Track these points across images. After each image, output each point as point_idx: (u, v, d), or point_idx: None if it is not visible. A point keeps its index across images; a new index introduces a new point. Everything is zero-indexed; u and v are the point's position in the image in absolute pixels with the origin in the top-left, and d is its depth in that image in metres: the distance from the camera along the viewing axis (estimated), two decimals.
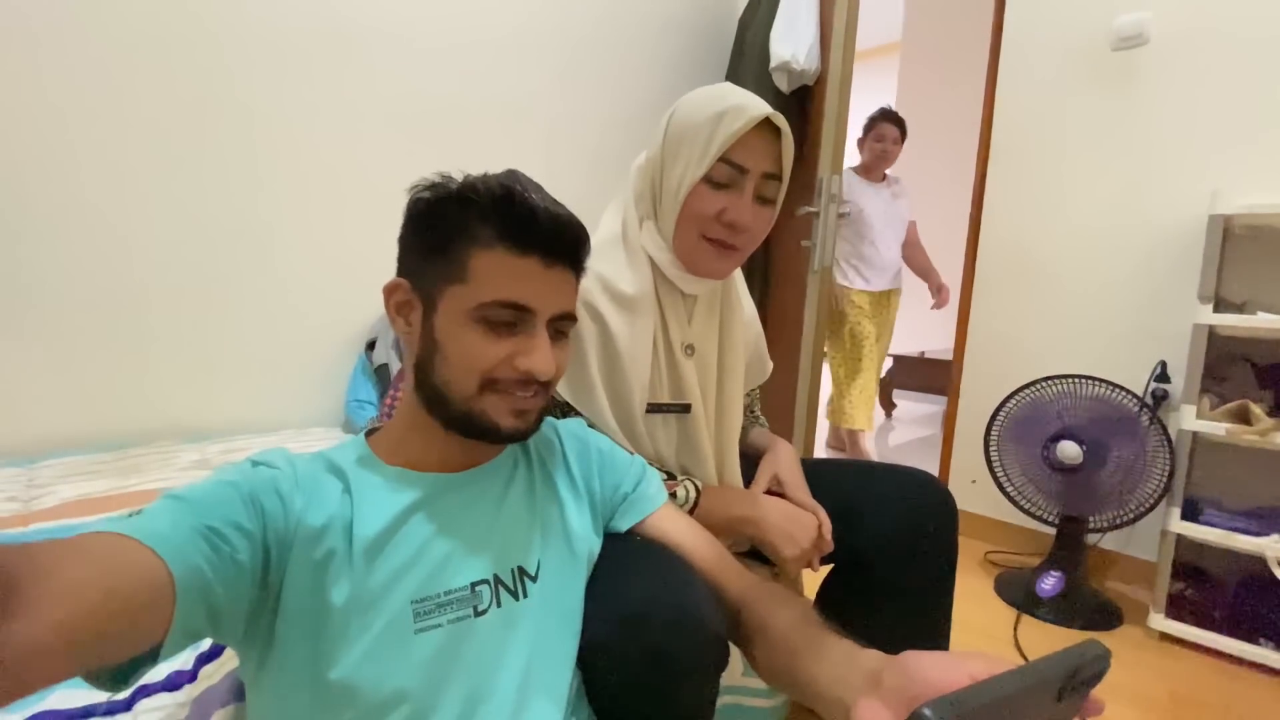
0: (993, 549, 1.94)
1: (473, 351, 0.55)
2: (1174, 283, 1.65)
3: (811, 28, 1.98)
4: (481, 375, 0.55)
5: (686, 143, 0.79)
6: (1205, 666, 1.39)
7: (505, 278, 0.54)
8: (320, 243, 1.66)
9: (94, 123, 1.34)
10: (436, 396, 0.56)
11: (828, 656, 0.52)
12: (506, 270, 0.54)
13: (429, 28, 1.78)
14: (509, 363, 0.55)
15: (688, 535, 0.68)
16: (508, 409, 0.56)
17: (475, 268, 0.54)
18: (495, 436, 0.57)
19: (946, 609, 0.89)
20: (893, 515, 0.86)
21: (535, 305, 0.56)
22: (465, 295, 0.54)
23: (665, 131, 0.82)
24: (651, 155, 0.85)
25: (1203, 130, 1.62)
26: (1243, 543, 1.36)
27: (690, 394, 0.86)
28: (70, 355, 1.37)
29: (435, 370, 0.56)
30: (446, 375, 0.55)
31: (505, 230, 0.54)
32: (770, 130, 0.79)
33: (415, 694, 0.50)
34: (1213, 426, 1.38)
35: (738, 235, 0.81)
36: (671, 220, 0.82)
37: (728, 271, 0.86)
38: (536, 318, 0.56)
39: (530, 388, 0.57)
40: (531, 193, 0.55)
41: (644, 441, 0.84)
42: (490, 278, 0.54)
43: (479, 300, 0.54)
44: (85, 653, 0.34)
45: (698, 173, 0.78)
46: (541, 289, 0.56)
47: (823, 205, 1.73)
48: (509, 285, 0.54)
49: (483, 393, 0.55)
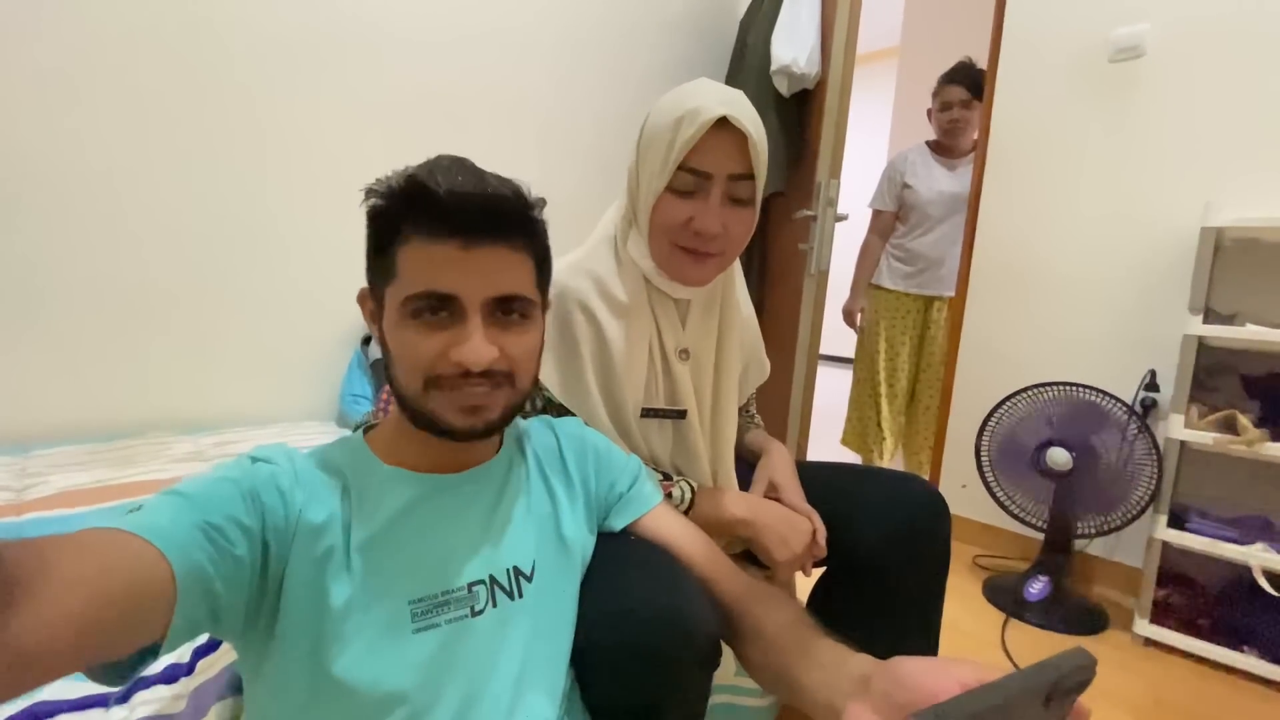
0: (981, 553, 1.95)
1: (410, 349, 0.53)
2: (1165, 293, 1.67)
3: (813, 31, 1.99)
4: (423, 373, 0.53)
5: (651, 152, 0.78)
6: (1190, 672, 1.41)
7: (424, 267, 0.52)
8: (317, 238, 1.66)
9: (93, 117, 1.33)
10: (399, 398, 0.56)
11: (818, 660, 0.53)
12: (424, 259, 0.52)
13: (432, 24, 1.78)
14: (444, 357, 0.52)
15: (682, 535, 0.69)
16: (455, 406, 0.53)
17: (401, 263, 0.52)
18: (452, 435, 0.54)
19: (937, 613, 0.90)
20: (885, 519, 0.86)
21: (458, 291, 0.52)
22: (396, 292, 0.53)
23: (639, 140, 0.82)
24: (630, 164, 0.85)
25: (1197, 143, 1.64)
26: (1228, 551, 1.38)
27: (685, 399, 0.86)
28: (66, 345, 1.36)
29: (391, 372, 0.56)
30: (397, 376, 0.55)
31: (417, 219, 0.52)
32: (733, 130, 0.74)
33: (412, 694, 0.50)
34: (1200, 436, 1.40)
35: (709, 242, 0.78)
36: (645, 231, 0.81)
37: (709, 277, 0.84)
38: (465, 305, 0.52)
39: (476, 381, 0.53)
40: (438, 174, 0.51)
41: (639, 445, 0.85)
42: (412, 270, 0.52)
43: (404, 295, 0.52)
44: (92, 646, 0.34)
45: (660, 184, 0.76)
46: (464, 274, 0.52)
47: (820, 209, 1.74)
48: (428, 275, 0.52)
49: (428, 391, 0.53)
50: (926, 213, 2.20)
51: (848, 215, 1.79)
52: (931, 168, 2.21)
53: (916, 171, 2.22)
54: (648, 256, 0.83)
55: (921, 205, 2.20)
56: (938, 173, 2.20)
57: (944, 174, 2.19)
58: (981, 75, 2.12)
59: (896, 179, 2.27)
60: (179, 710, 0.61)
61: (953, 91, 2.15)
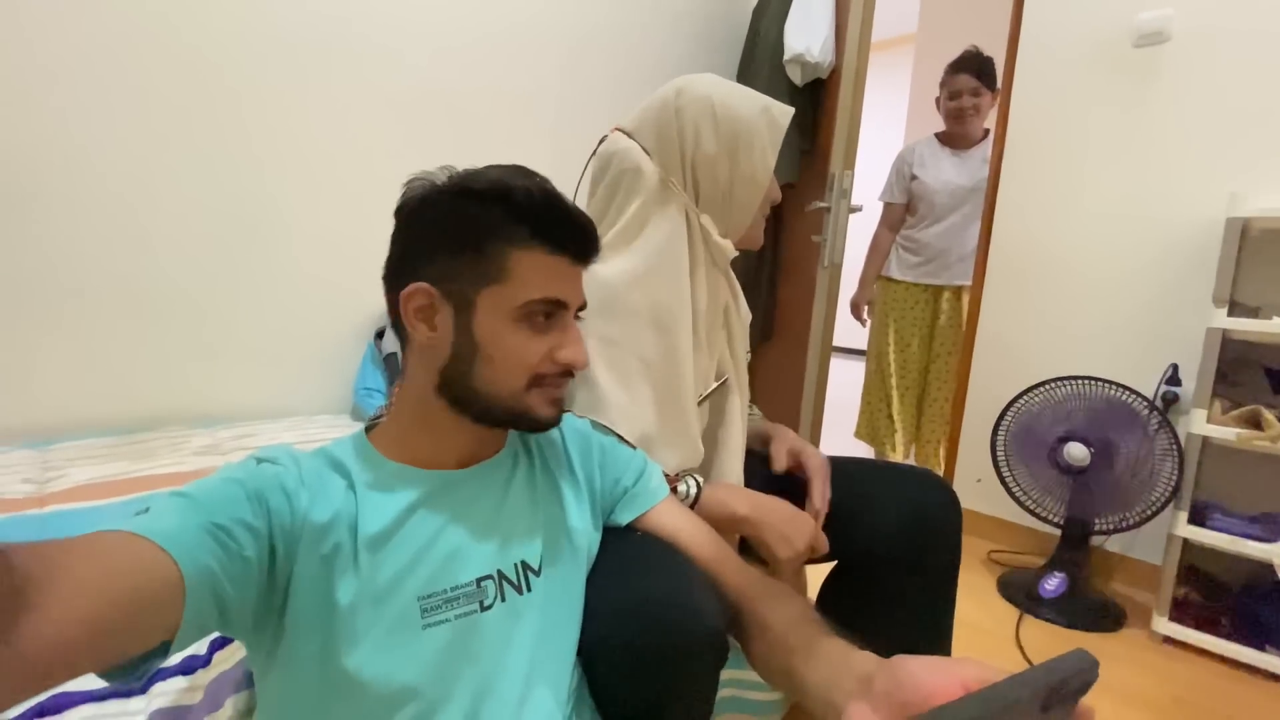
0: (996, 548, 1.94)
1: (520, 350, 0.56)
2: (1188, 285, 1.63)
3: (826, 20, 1.96)
4: (529, 371, 0.57)
5: (755, 135, 0.86)
6: (1208, 671, 1.39)
7: (545, 276, 0.56)
8: (331, 233, 1.67)
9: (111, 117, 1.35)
10: (474, 397, 0.57)
11: (822, 657, 0.52)
12: (546, 269, 0.56)
13: (440, 17, 1.78)
14: (550, 357, 0.57)
15: (688, 530, 0.69)
16: (548, 400, 0.59)
17: (514, 268, 0.55)
18: (537, 427, 0.60)
19: (950, 609, 0.89)
20: (898, 514, 0.86)
21: (570, 300, 0.59)
22: (507, 295, 0.55)
23: (724, 127, 0.86)
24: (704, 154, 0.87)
25: (1223, 131, 1.59)
26: (1251, 549, 1.35)
27: (726, 366, 0.93)
28: (86, 343, 1.38)
29: (475, 372, 0.56)
30: (491, 375, 0.56)
31: (542, 230, 0.56)
32: None
33: (424, 689, 0.51)
34: (1223, 431, 1.37)
35: None
36: (752, 207, 0.91)
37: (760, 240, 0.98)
38: (569, 312, 0.59)
39: (566, 378, 0.60)
40: (548, 190, 0.57)
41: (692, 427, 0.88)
42: (531, 277, 0.55)
43: (524, 299, 0.55)
44: (103, 648, 0.35)
45: (770, 162, 0.88)
46: (573, 285, 0.60)
47: (834, 200, 1.72)
48: (550, 283, 0.57)
49: (529, 389, 0.57)
50: (934, 203, 2.18)
51: (862, 207, 1.77)
52: (939, 159, 2.20)
53: (924, 163, 2.21)
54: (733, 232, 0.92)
55: (929, 196, 2.18)
56: (945, 164, 2.18)
57: (951, 165, 2.18)
58: (990, 64, 2.11)
59: (905, 171, 2.25)
60: (195, 702, 0.62)
61: (961, 80, 2.12)
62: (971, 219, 2.12)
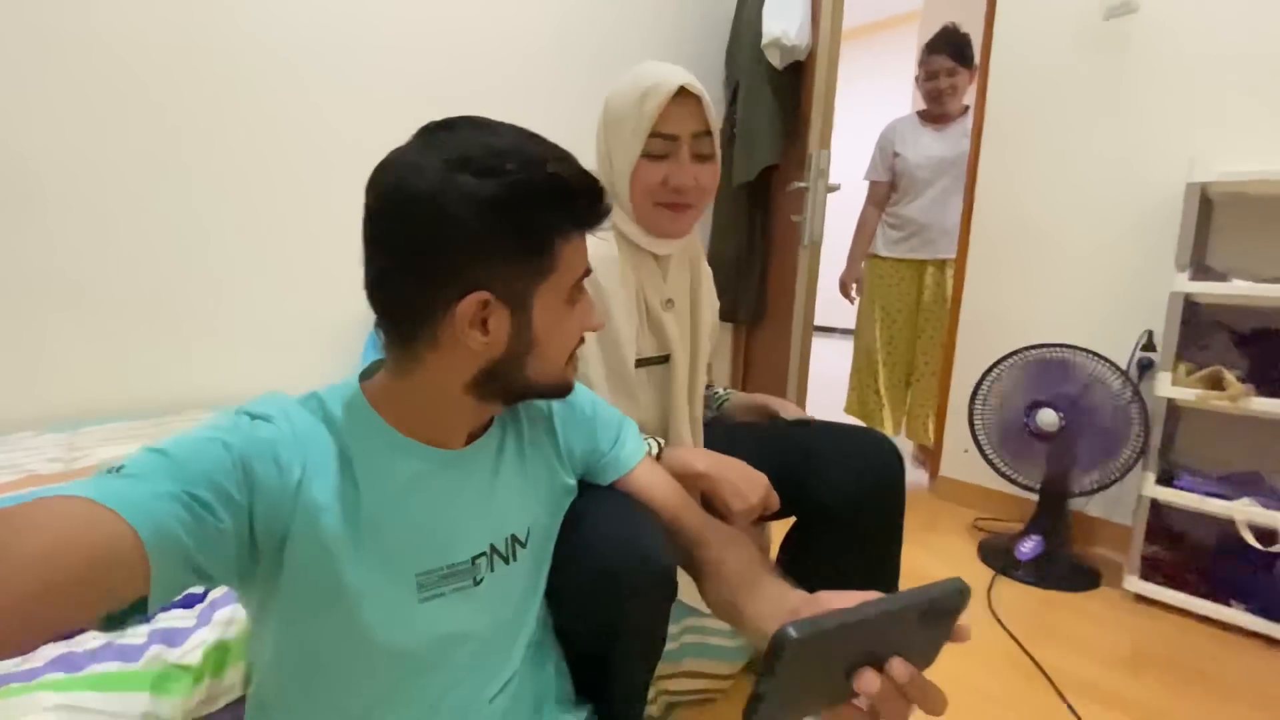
0: (981, 515, 1.99)
1: (570, 332, 0.58)
2: (1162, 252, 1.66)
3: (802, 3, 1.99)
4: (571, 350, 0.59)
5: (621, 127, 0.89)
6: (1177, 627, 1.44)
7: (581, 254, 0.57)
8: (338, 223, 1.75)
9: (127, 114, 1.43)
10: (520, 388, 0.57)
11: (763, 594, 0.60)
12: (581, 249, 0.57)
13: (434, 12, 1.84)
14: (581, 327, 0.60)
15: (658, 485, 0.74)
16: (574, 367, 0.62)
17: (561, 255, 0.54)
18: (565, 394, 0.62)
19: (897, 549, 0.97)
20: (850, 470, 0.93)
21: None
22: (558, 284, 0.55)
23: (602, 122, 0.92)
24: (598, 147, 0.95)
25: (1189, 98, 1.62)
26: (1215, 506, 1.40)
27: (670, 344, 0.97)
28: (108, 331, 1.47)
29: (527, 364, 0.55)
30: (542, 364, 0.56)
31: (588, 218, 0.56)
32: (689, 95, 0.87)
33: (419, 653, 0.55)
34: (1185, 392, 1.41)
35: (685, 195, 0.90)
36: (626, 196, 0.91)
37: (688, 227, 0.96)
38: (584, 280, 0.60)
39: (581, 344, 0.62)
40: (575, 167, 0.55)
41: (636, 395, 0.94)
42: (574, 259, 0.56)
43: (570, 283, 0.56)
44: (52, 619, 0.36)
45: (635, 152, 0.88)
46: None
47: (812, 180, 1.77)
48: (583, 259, 0.57)
49: (566, 365, 0.60)
50: (915, 178, 2.22)
51: (840, 185, 1.81)
52: (919, 134, 2.23)
53: (905, 139, 2.25)
54: (629, 221, 0.93)
55: (910, 171, 2.22)
56: (925, 138, 2.21)
57: (931, 139, 2.21)
58: (966, 41, 2.13)
59: (887, 149, 2.29)
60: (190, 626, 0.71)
61: (937, 61, 2.15)
62: (952, 193, 2.15)
